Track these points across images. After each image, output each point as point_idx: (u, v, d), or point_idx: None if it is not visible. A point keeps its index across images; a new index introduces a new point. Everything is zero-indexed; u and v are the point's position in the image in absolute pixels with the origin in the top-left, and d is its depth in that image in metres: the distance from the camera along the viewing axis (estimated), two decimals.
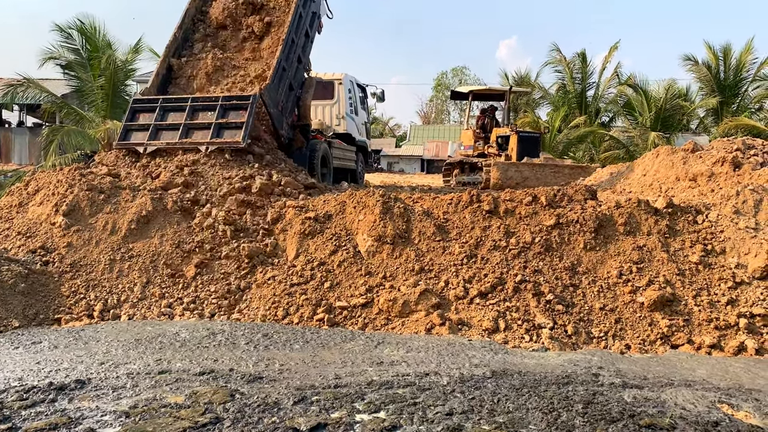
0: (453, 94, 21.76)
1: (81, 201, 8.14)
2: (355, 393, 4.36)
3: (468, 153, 17.78)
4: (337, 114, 16.78)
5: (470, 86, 21.27)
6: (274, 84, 10.80)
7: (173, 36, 11.73)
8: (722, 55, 25.63)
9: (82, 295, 7.11)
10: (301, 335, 6.09)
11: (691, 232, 7.57)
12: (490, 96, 21.70)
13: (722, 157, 9.64)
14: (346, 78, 17.18)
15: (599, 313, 6.57)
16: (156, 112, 10.21)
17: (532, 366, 5.28)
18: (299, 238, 7.74)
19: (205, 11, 12.43)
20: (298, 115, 12.54)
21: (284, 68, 11.29)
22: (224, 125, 9.85)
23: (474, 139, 17.86)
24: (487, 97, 22.09)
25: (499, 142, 17.14)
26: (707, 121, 27.16)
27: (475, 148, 17.65)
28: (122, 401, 4.16)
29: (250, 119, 9.79)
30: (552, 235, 7.44)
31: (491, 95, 21.35)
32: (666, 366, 5.52)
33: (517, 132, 16.82)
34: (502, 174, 14.40)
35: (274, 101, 10.81)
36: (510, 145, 16.47)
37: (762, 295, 6.71)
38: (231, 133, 9.76)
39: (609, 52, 27.84)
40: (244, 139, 9.57)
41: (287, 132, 11.66)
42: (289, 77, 11.59)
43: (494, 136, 17.43)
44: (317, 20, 13.22)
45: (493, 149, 17.13)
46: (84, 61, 20.13)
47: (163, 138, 9.95)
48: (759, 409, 4.30)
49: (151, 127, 10.03)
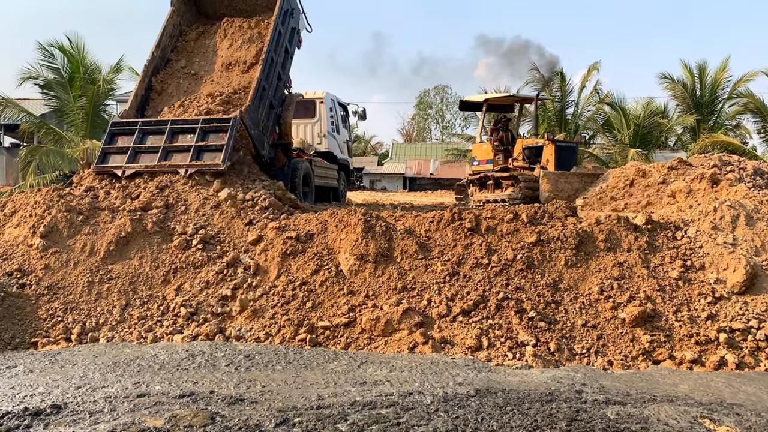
0: (463, 105, 19.32)
1: (59, 222, 8.04)
2: (338, 414, 4.31)
3: (486, 168, 16.40)
4: (319, 132, 16.68)
5: (485, 95, 19.18)
6: (254, 105, 10.63)
7: (151, 55, 11.52)
8: (698, 73, 26.15)
9: (60, 317, 6.99)
10: (284, 356, 6.03)
11: (670, 248, 7.65)
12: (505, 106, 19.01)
13: (700, 174, 9.78)
14: (328, 96, 17.07)
15: (581, 329, 6.59)
16: (135, 135, 10.06)
17: (515, 384, 5.26)
18: (281, 258, 7.70)
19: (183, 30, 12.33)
20: (279, 133, 12.38)
21: (264, 87, 11.11)
22: (204, 148, 9.73)
23: (493, 153, 16.37)
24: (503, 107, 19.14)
25: (526, 155, 15.71)
26: (684, 138, 27.63)
27: (495, 162, 16.20)
28: (100, 426, 4.07)
29: (230, 142, 9.67)
30: (533, 252, 7.47)
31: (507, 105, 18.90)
32: (648, 382, 5.54)
33: (554, 142, 15.35)
34: (553, 186, 13.21)
35: (254, 122, 10.64)
36: (544, 157, 15.05)
37: (741, 310, 6.77)
38: (211, 156, 9.64)
39: (588, 71, 28.27)
40: (224, 162, 9.45)
41: (268, 152, 11.49)
42: (269, 96, 11.43)
43: (519, 148, 15.95)
44: (297, 36, 13.06)
45: (519, 162, 15.72)
46: (64, 80, 20.04)
47: (142, 161, 9.75)
48: (740, 424, 4.32)
49: (130, 150, 9.87)
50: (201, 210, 8.70)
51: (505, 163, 16.07)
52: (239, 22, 12.03)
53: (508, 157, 16.23)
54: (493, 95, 18.64)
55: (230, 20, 12.07)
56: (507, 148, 16.43)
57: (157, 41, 11.67)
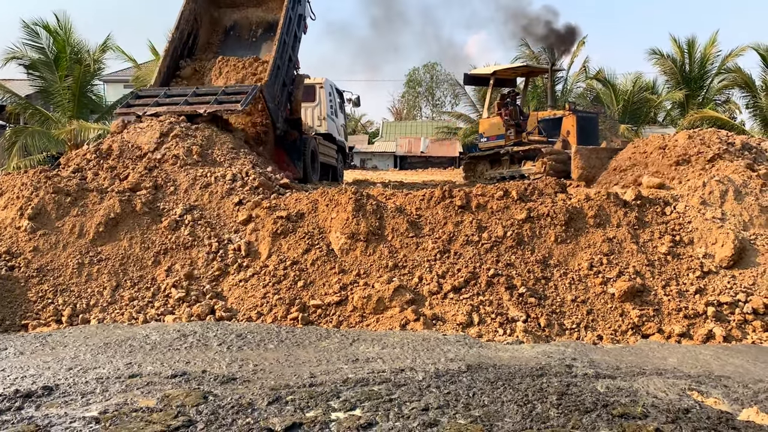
0: (469, 79, 18.90)
1: (47, 204, 7.97)
2: (331, 391, 4.33)
3: (498, 144, 15.80)
4: (319, 115, 17.47)
5: (492, 66, 18.56)
6: (272, 81, 11.67)
7: (171, 36, 12.53)
8: (687, 49, 26.07)
9: (50, 300, 6.97)
10: (276, 335, 6.04)
11: (659, 224, 7.69)
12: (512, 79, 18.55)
13: (687, 149, 9.78)
14: (327, 82, 17.96)
15: (571, 305, 6.63)
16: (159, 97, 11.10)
17: (506, 359, 5.31)
18: (271, 238, 7.68)
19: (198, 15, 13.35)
20: (290, 109, 13.56)
21: (279, 66, 12.15)
22: (224, 98, 10.69)
23: (505, 128, 15.74)
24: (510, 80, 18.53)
25: (542, 128, 15.04)
26: (674, 113, 27.66)
27: (507, 137, 15.58)
28: (92, 407, 4.07)
29: (249, 96, 10.61)
30: (523, 228, 7.49)
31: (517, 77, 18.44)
32: (637, 355, 5.60)
33: (576, 112, 14.42)
34: (586, 162, 11.93)
35: (272, 96, 11.76)
36: (564, 128, 14.23)
37: (729, 284, 6.84)
38: (230, 101, 10.58)
39: (576, 47, 28.13)
40: (243, 104, 10.34)
41: (282, 125, 12.67)
42: (282, 74, 12.53)
43: (533, 121, 15.29)
44: (303, 21, 14.23)
45: (536, 136, 14.97)
46: (50, 60, 19.70)
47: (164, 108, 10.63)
48: (728, 396, 4.38)
49: (153, 101, 10.90)
50: (190, 190, 8.64)
51: (518, 138, 15.54)
52: (234, 61, 12.67)
53: (519, 131, 15.71)
54: (502, 66, 18.07)
55: (225, 59, 12.71)
56: (518, 122, 15.95)
57: (176, 24, 12.63)
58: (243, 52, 12.95)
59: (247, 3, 13.70)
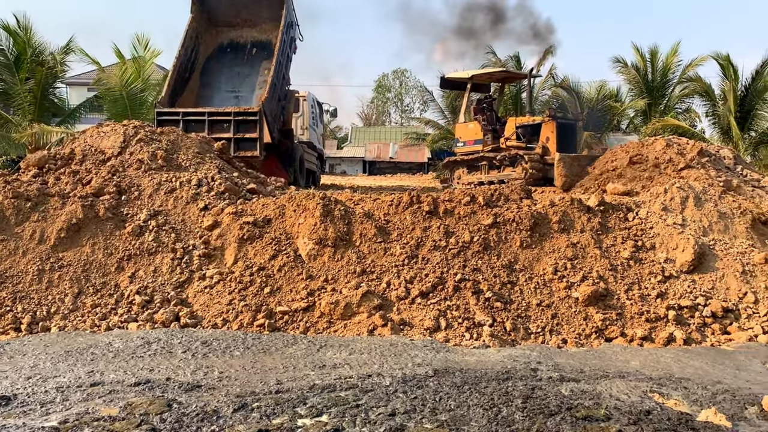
0: (445, 83, 18.65)
1: (6, 209, 7.77)
2: (297, 398, 4.31)
3: (475, 149, 15.76)
4: (302, 125, 18.89)
5: (470, 71, 18.36)
6: (270, 97, 13.45)
7: (178, 53, 14.25)
8: (650, 58, 26.62)
9: (9, 307, 6.78)
10: (242, 341, 5.98)
11: (622, 229, 7.84)
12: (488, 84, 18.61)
13: (648, 156, 10.01)
14: (310, 95, 19.81)
15: (536, 309, 6.72)
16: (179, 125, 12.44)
17: (472, 363, 5.34)
18: (237, 244, 7.61)
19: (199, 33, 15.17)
20: (283, 121, 15.59)
21: (275, 84, 14.02)
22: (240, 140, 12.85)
23: (483, 133, 15.72)
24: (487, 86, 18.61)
25: (520, 133, 14.96)
26: (636, 121, 28.17)
27: (485, 142, 15.56)
28: (51, 416, 3.97)
29: (261, 134, 12.89)
30: (490, 233, 7.57)
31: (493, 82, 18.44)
32: (601, 359, 5.69)
33: (556, 119, 14.39)
34: (568, 170, 12.04)
35: (270, 111, 13.56)
36: (543, 135, 14.19)
37: (689, 288, 7.01)
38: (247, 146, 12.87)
39: (543, 55, 28.51)
40: (261, 152, 12.89)
41: (278, 135, 14.58)
42: (278, 91, 14.53)
43: (512, 127, 15.23)
44: (294, 43, 16.18)
45: (513, 141, 14.93)
46: (9, 62, 19.22)
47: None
48: (687, 397, 4.48)
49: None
50: (155, 195, 8.51)
51: (495, 143, 15.53)
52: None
53: (496, 136, 15.71)
54: (480, 71, 18.07)
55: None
56: (494, 128, 15.97)
57: (182, 42, 14.46)
58: (239, 69, 14.99)
59: (242, 24, 15.57)
